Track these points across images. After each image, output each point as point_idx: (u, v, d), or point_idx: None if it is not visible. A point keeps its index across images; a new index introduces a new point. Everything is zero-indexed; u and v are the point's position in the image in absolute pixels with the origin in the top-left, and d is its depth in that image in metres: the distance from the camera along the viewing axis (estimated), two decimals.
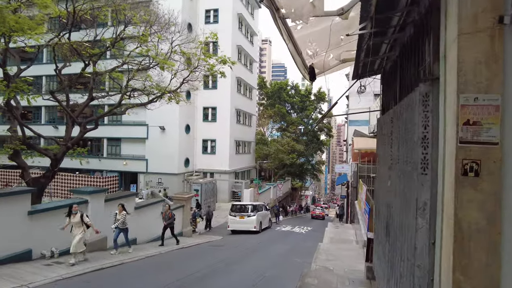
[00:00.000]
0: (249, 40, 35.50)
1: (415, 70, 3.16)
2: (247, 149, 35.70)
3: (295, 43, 3.79)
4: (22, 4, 10.27)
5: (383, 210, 4.26)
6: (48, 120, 31.89)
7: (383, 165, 4.53)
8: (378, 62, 5.06)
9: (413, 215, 2.58)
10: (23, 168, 14.46)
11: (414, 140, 2.67)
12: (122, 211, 9.42)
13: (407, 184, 2.85)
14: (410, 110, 2.83)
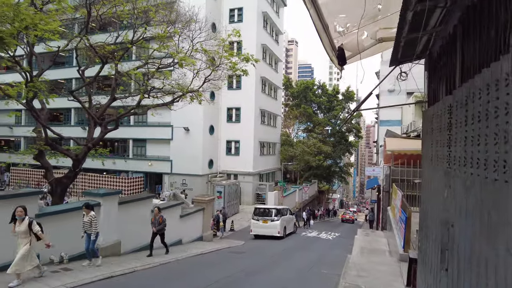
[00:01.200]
0: (274, 39, 34.71)
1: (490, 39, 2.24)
2: (271, 150, 34.87)
3: (319, 11, 2.98)
4: None
5: (435, 228, 3.33)
6: (77, 122, 32.60)
7: (433, 170, 3.59)
8: (423, 43, 4.11)
9: (505, 248, 1.68)
10: (46, 168, 14.42)
11: None
12: (89, 212, 7.90)
13: (490, 200, 1.94)
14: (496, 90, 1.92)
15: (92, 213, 7.87)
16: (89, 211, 7.89)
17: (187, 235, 12.93)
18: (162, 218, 9.99)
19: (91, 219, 7.78)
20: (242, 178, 28.23)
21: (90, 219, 7.77)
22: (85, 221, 7.82)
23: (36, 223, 6.36)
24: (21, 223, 6.19)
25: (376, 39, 3.94)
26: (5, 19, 9.05)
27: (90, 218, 7.78)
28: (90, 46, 13.69)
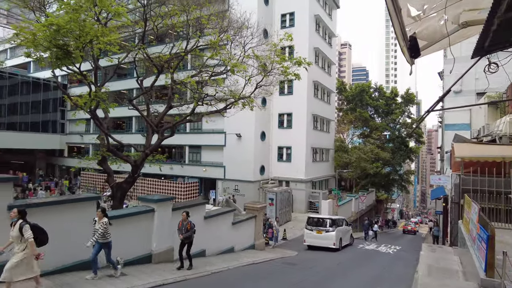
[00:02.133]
0: (327, 42, 33.75)
1: None
2: (325, 156, 33.72)
3: None
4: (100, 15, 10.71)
5: None
6: (138, 129, 34.58)
7: None
8: None
9: None
10: (108, 174, 15.25)
11: None
12: (102, 218, 7.05)
13: None
14: None
15: (105, 219, 7.05)
16: (103, 216, 7.09)
17: (239, 242, 12.73)
18: (191, 224, 8.89)
19: (102, 226, 6.95)
20: (294, 185, 27.60)
21: (103, 229, 6.96)
22: (96, 229, 6.98)
23: (29, 229, 5.36)
24: (13, 226, 5.45)
25: (458, 24, 3.29)
26: (72, 34, 9.72)
27: (101, 225, 6.96)
28: (147, 57, 14.30)
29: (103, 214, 7.10)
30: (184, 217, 8.81)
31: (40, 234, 5.52)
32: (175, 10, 13.56)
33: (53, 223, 6.49)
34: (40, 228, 5.56)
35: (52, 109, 38.68)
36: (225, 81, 19.13)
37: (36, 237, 5.42)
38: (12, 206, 5.93)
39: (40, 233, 5.53)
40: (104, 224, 6.97)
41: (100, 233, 6.89)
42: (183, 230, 8.73)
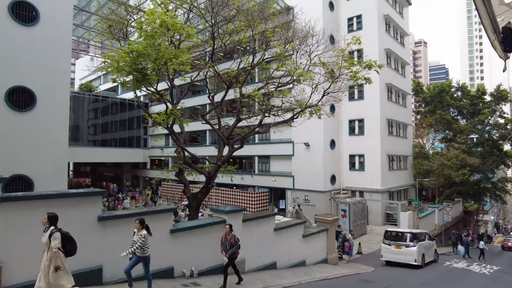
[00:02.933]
0: (399, 42, 31.68)
1: None
2: (402, 164, 31.32)
3: None
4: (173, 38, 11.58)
5: None
6: (211, 142, 36.31)
7: None
8: None
9: None
10: (185, 184, 16.23)
11: None
12: (141, 229, 6.53)
13: None
14: None
15: (143, 232, 6.52)
16: (141, 228, 6.55)
17: (311, 256, 12.37)
18: (235, 238, 7.92)
19: (141, 239, 6.44)
20: (369, 196, 26.07)
21: (142, 241, 6.43)
22: (134, 240, 6.49)
23: (58, 237, 5.11)
24: (45, 233, 5.22)
25: None
26: (149, 58, 10.65)
27: (139, 237, 6.45)
28: (217, 73, 14.99)
29: (142, 226, 6.59)
30: (227, 231, 8.00)
31: (69, 243, 5.29)
32: (241, 26, 14.02)
33: None
34: (70, 238, 5.33)
35: (136, 126, 42.85)
36: (292, 90, 19.10)
37: (64, 245, 5.21)
38: (102, 217, 6.58)
39: (69, 243, 5.29)
40: (143, 236, 6.46)
41: (138, 246, 6.42)
42: (227, 245, 7.84)
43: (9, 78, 12.13)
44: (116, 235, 6.85)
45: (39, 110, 12.61)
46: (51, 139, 12.75)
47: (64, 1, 13.75)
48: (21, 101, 12.32)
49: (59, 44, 13.34)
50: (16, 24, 12.52)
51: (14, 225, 5.67)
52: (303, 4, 25.63)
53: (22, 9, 12.70)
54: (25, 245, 5.70)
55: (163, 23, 10.29)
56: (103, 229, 6.71)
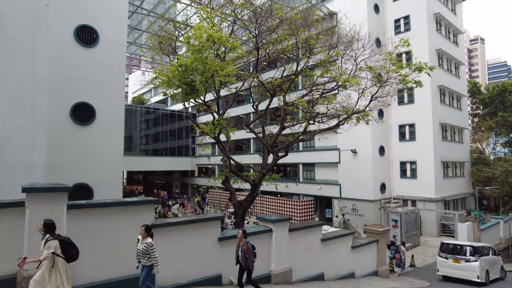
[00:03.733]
0: (452, 41, 29.78)
1: None
2: (459, 171, 29.14)
3: None
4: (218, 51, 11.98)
5: None
6: (255, 150, 36.67)
7: None
8: None
9: None
10: (231, 192, 16.55)
11: None
12: (146, 237, 5.99)
13: None
14: None
15: (149, 240, 5.97)
16: (147, 235, 6.01)
17: (360, 268, 11.90)
18: (247, 245, 7.18)
19: (147, 247, 5.90)
20: (422, 205, 24.54)
21: (145, 248, 5.91)
22: (139, 249, 5.96)
23: (51, 247, 4.87)
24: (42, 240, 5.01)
25: None
26: (197, 71, 11.13)
27: (145, 246, 5.92)
28: (260, 83, 15.20)
29: (147, 233, 6.03)
30: (240, 236, 7.40)
31: (69, 249, 5.11)
32: (285, 35, 14.12)
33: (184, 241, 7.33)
34: (70, 243, 5.15)
35: (185, 135, 44.68)
36: (337, 96, 18.75)
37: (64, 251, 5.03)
38: (153, 225, 6.92)
39: (69, 249, 5.11)
40: (150, 245, 5.94)
41: (142, 254, 5.93)
42: (239, 251, 7.32)
43: (73, 95, 13.34)
44: (166, 243, 7.14)
45: (98, 124, 13.69)
46: (108, 150, 13.76)
47: (120, 23, 14.87)
48: (83, 116, 13.47)
49: (115, 62, 14.43)
50: (79, 46, 13.78)
51: (79, 230, 6.16)
52: (347, 9, 25.22)
53: (84, 32, 13.96)
54: (88, 248, 6.16)
55: (209, 37, 10.72)
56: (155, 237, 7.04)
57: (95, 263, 6.28)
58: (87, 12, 13.88)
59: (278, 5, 14.08)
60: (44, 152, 9.42)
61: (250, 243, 7.32)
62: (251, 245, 7.31)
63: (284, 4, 18.96)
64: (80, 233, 6.09)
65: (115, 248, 6.57)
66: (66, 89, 13.05)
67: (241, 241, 7.35)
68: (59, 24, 12.80)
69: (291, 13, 16.43)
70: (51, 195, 5.83)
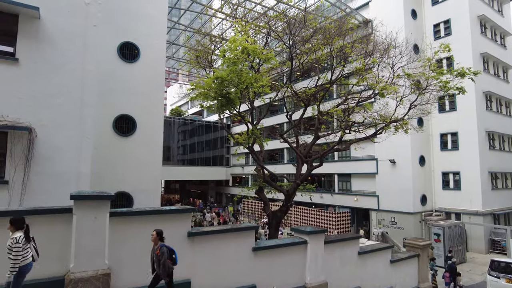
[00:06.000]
0: (499, 43, 28.09)
1: None
2: (510, 183, 27.06)
3: None
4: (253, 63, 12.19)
5: None
6: (289, 160, 36.48)
7: None
8: None
9: None
10: (264, 202, 16.55)
11: None
12: (14, 232, 4.74)
13: None
14: None
15: (17, 234, 4.72)
16: (14, 230, 4.76)
17: (399, 283, 11.32)
18: (161, 249, 5.73)
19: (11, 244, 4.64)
20: (468, 219, 22.99)
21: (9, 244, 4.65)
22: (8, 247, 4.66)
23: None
24: None
25: None
26: (232, 83, 11.38)
27: (11, 242, 4.66)
28: (294, 93, 15.21)
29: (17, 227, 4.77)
30: (153, 238, 5.90)
31: None
32: (319, 45, 14.10)
33: (218, 250, 7.42)
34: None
35: (220, 145, 45.52)
36: (374, 105, 18.28)
37: None
38: (191, 233, 7.08)
39: None
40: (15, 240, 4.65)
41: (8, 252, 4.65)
42: (153, 256, 5.92)
43: (116, 108, 14.15)
44: (201, 252, 7.27)
45: (138, 135, 14.36)
46: (147, 159, 14.35)
47: (160, 39, 15.63)
48: (125, 127, 14.21)
49: (155, 76, 15.13)
50: (122, 62, 14.65)
51: (120, 237, 6.45)
52: (383, 15, 24.75)
53: (127, 49, 14.83)
54: (128, 254, 6.43)
55: (244, 50, 10.96)
56: (192, 245, 7.20)
57: (132, 269, 6.52)
58: (129, 30, 14.76)
59: (312, 16, 14.09)
60: (89, 162, 10.02)
61: (166, 247, 5.83)
62: (168, 249, 5.84)
63: (318, 14, 18.93)
64: (121, 239, 6.38)
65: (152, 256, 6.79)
66: (110, 103, 13.87)
67: (156, 244, 5.90)
68: (105, 42, 13.71)
69: (325, 23, 16.39)
70: (95, 202, 6.16)
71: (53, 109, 9.63)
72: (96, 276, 5.95)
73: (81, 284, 5.80)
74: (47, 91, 9.54)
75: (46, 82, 9.53)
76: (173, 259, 5.90)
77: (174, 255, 5.94)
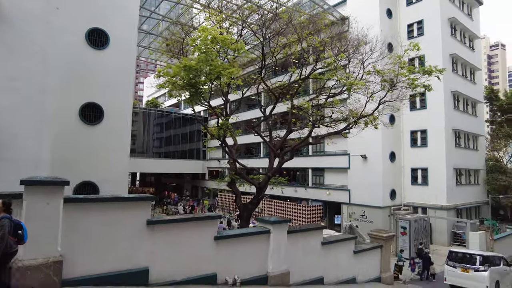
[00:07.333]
0: (468, 46, 29.18)
1: None
2: (473, 179, 28.35)
3: None
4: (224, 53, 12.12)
5: None
6: (265, 154, 36.62)
7: None
8: None
9: None
10: (236, 195, 16.59)
11: None
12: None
13: None
14: None
15: None
16: None
17: (362, 274, 11.68)
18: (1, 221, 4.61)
19: None
20: (433, 213, 23.95)
21: None
22: None
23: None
24: None
25: None
26: (202, 73, 11.27)
27: None
28: (266, 86, 15.26)
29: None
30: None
31: None
32: (291, 39, 14.18)
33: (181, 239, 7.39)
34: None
35: (196, 139, 45.09)
36: (347, 100, 18.60)
37: None
38: (150, 221, 7.01)
39: None
40: None
41: None
42: None
43: (82, 95, 13.70)
44: (162, 240, 7.21)
45: (106, 124, 13.99)
46: (115, 149, 14.02)
47: (130, 28, 15.25)
48: (92, 116, 13.81)
49: (125, 64, 14.76)
50: (90, 49, 14.18)
51: (74, 224, 6.30)
52: (359, 13, 25.09)
53: (95, 35, 14.36)
54: (84, 242, 6.29)
55: (214, 39, 10.86)
56: (152, 233, 7.12)
57: (88, 257, 6.38)
58: (98, 15, 14.29)
59: (285, 9, 14.13)
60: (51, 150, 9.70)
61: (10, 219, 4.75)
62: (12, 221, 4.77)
63: (292, 8, 18.98)
64: (76, 227, 6.23)
65: (110, 243, 6.67)
66: (77, 90, 13.42)
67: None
68: (71, 27, 13.23)
69: (301, 17, 16.46)
70: (48, 188, 5.96)
71: (11, 93, 9.26)
72: (47, 264, 5.77)
73: (30, 272, 5.61)
74: (5, 73, 9.14)
75: (4, 65, 9.13)
76: (19, 236, 4.81)
77: (22, 231, 4.84)
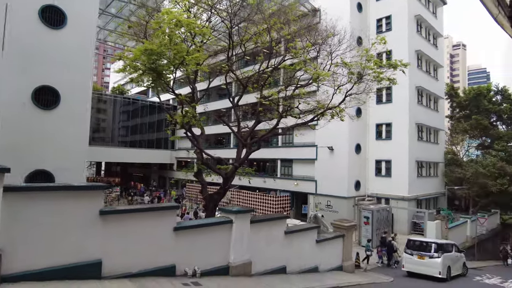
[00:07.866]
0: (432, 43, 30.27)
1: None
2: (433, 171, 29.75)
3: None
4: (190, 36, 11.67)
5: None
6: (235, 144, 36.33)
7: None
8: None
9: None
10: (202, 185, 16.31)
11: None
12: None
13: None
14: None
15: None
16: None
17: (324, 262, 11.89)
18: None
19: None
20: (395, 203, 24.91)
21: None
22: None
23: None
24: None
25: None
26: (163, 56, 10.78)
27: None
28: (235, 76, 14.97)
29: None
30: None
31: None
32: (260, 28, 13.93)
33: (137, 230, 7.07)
34: None
35: (164, 128, 43.93)
36: (316, 93, 18.70)
37: None
38: (103, 211, 6.63)
39: None
40: None
41: None
42: None
43: (36, 78, 12.74)
44: (116, 231, 6.85)
45: (62, 109, 13.13)
46: (72, 136, 13.22)
47: (90, 6, 14.32)
48: (47, 100, 12.89)
49: (83, 45, 13.87)
50: (44, 27, 13.16)
51: (16, 215, 5.80)
52: (329, 4, 25.21)
53: (51, 13, 13.34)
54: (27, 235, 5.81)
55: (178, 22, 10.40)
56: (105, 224, 6.74)
57: (32, 250, 5.92)
58: None
59: None
60: None
61: None
62: None
63: None
64: (19, 218, 5.74)
65: (58, 235, 6.23)
66: (29, 71, 12.47)
67: None
68: (22, 2, 12.20)
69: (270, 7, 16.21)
70: None
71: None
72: None
73: None
74: None
75: None
76: None
77: None
